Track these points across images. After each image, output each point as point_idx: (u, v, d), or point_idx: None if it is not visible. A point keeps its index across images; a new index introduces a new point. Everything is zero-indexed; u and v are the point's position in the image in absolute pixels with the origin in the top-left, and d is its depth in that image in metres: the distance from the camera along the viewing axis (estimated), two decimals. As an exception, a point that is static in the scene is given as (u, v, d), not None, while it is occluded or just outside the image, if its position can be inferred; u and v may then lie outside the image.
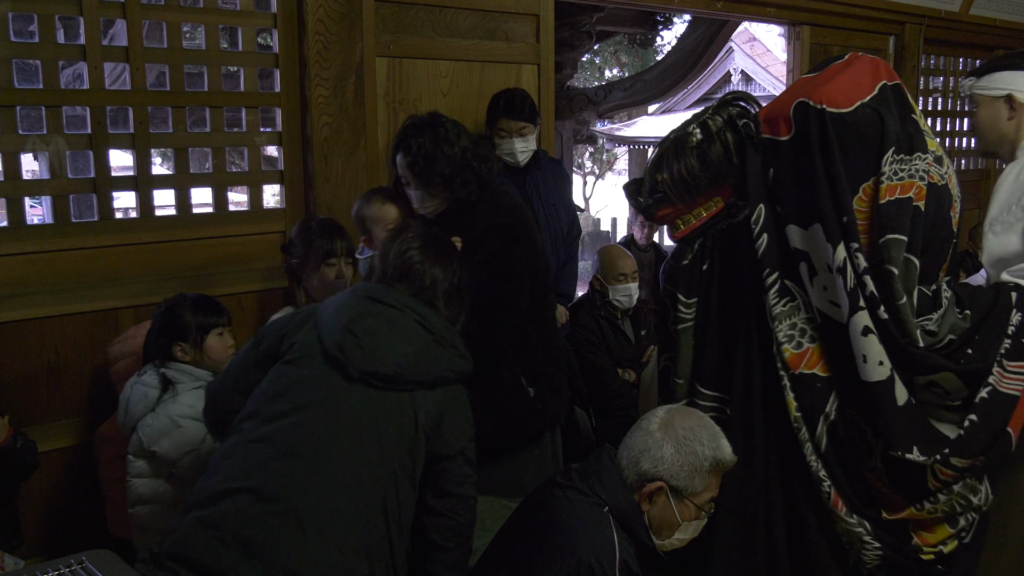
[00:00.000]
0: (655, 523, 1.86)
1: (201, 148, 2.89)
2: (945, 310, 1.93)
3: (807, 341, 1.94)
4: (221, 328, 2.30)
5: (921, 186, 1.88)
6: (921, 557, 1.96)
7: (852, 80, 1.92)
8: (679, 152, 2.02)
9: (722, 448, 1.85)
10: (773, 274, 1.95)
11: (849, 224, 1.84)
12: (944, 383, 1.89)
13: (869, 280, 1.83)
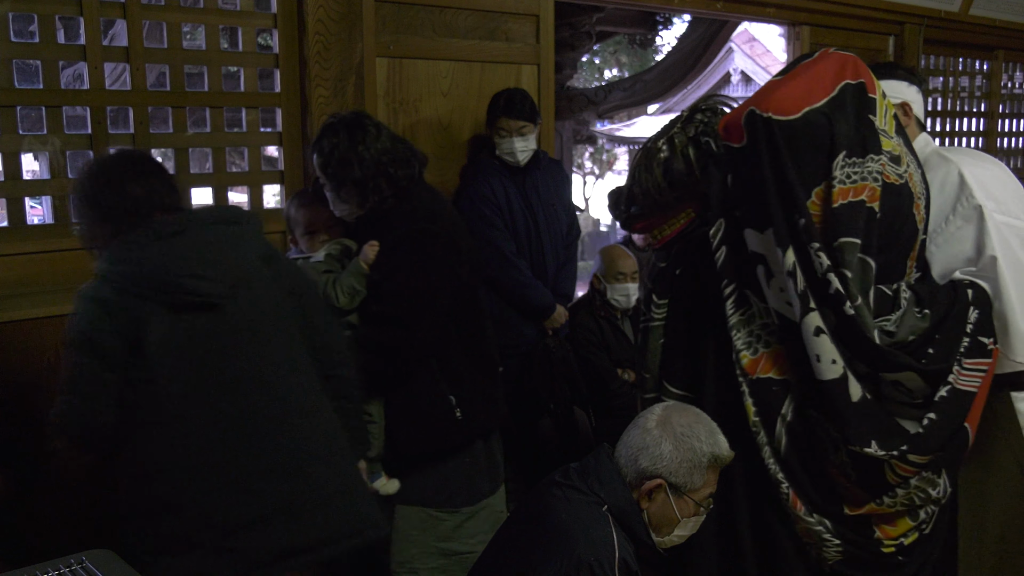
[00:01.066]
0: (654, 520, 1.86)
1: (201, 148, 2.89)
2: (904, 311, 1.96)
3: (762, 347, 1.99)
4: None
5: (875, 187, 1.90)
6: (882, 550, 2.00)
7: (808, 84, 1.94)
8: (647, 167, 2.09)
9: (720, 444, 1.86)
10: (730, 285, 2.01)
11: (806, 225, 1.87)
12: (908, 382, 1.93)
13: (834, 278, 1.85)
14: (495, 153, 3.19)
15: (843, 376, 1.87)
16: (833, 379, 1.87)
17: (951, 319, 1.99)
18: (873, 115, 1.95)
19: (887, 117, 2.00)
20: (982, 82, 5.79)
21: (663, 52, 11.04)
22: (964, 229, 2.13)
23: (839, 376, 1.87)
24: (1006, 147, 6.06)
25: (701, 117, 2.09)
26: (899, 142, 2.02)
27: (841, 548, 1.96)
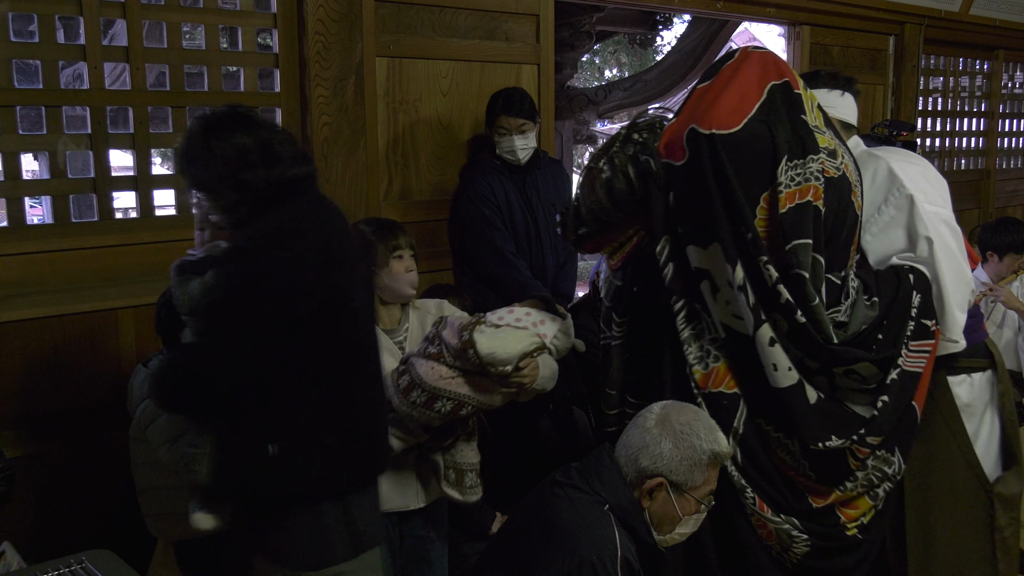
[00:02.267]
0: (655, 519, 1.87)
1: (201, 148, 2.88)
2: (854, 300, 2.03)
3: (712, 360, 2.04)
4: None
5: (818, 186, 1.94)
6: (846, 534, 2.08)
7: (739, 92, 1.98)
8: (590, 188, 2.11)
9: (719, 441, 1.87)
10: (680, 301, 2.05)
11: (754, 239, 1.90)
12: (861, 370, 2.01)
13: (783, 288, 1.90)
14: (495, 153, 3.19)
15: (799, 382, 1.94)
16: (790, 386, 1.94)
17: (897, 305, 2.06)
18: (803, 113, 1.99)
19: (814, 111, 2.04)
20: (982, 82, 5.79)
21: (663, 52, 11.04)
22: (897, 218, 2.21)
23: (795, 383, 1.94)
24: (1006, 147, 6.06)
25: (638, 137, 2.11)
26: (831, 135, 2.07)
27: (809, 543, 2.03)
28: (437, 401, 2.20)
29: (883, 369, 2.02)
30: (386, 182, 3.16)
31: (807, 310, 1.90)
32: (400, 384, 2.21)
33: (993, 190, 5.86)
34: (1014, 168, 6.14)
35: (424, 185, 3.26)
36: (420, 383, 2.18)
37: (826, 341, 1.92)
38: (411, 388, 2.19)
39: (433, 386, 2.18)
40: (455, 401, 2.20)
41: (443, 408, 2.21)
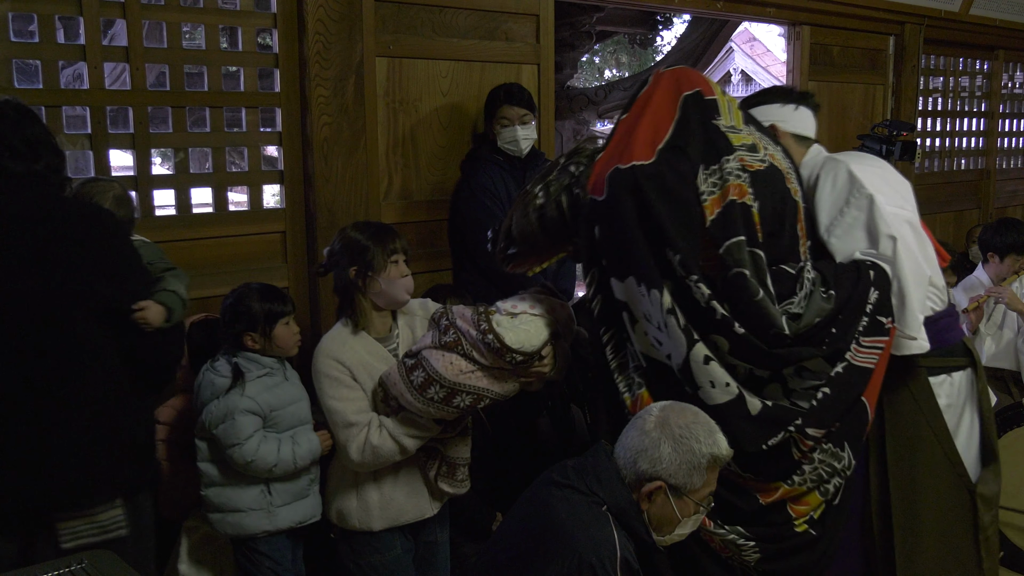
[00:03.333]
0: (655, 521, 1.86)
1: (201, 148, 2.89)
2: (811, 292, 2.06)
3: (637, 388, 2.09)
4: (287, 317, 2.37)
5: (741, 184, 1.98)
6: (796, 530, 2.09)
7: (653, 119, 2.06)
8: (523, 211, 2.20)
9: (719, 443, 1.85)
10: (608, 331, 2.13)
11: (682, 261, 1.94)
12: (812, 367, 2.04)
13: (717, 305, 1.93)
14: (495, 147, 3.19)
15: (739, 396, 1.96)
16: (728, 401, 1.96)
17: (854, 300, 2.08)
18: (716, 117, 2.04)
19: (732, 113, 2.09)
20: (982, 82, 5.79)
21: (663, 52, 11.03)
22: (859, 218, 2.24)
23: (734, 397, 1.96)
24: (1006, 147, 6.06)
25: (575, 169, 2.18)
26: (750, 131, 2.11)
27: (758, 548, 2.05)
28: (456, 396, 2.20)
29: (834, 364, 2.05)
30: (386, 182, 3.16)
31: (752, 305, 1.93)
32: (413, 380, 2.19)
33: (993, 190, 5.86)
34: (1014, 168, 6.14)
35: (424, 185, 3.26)
36: (439, 378, 2.17)
37: (776, 333, 1.95)
38: (428, 384, 2.18)
39: (453, 381, 2.18)
40: (475, 395, 2.21)
41: (462, 403, 2.21)
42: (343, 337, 2.32)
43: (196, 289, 2.76)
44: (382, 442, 2.24)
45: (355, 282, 2.30)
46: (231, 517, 2.31)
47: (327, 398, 2.28)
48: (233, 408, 2.25)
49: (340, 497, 2.37)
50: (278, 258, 2.96)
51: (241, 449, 2.24)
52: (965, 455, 2.47)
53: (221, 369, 2.31)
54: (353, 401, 2.28)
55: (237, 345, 2.34)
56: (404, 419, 2.26)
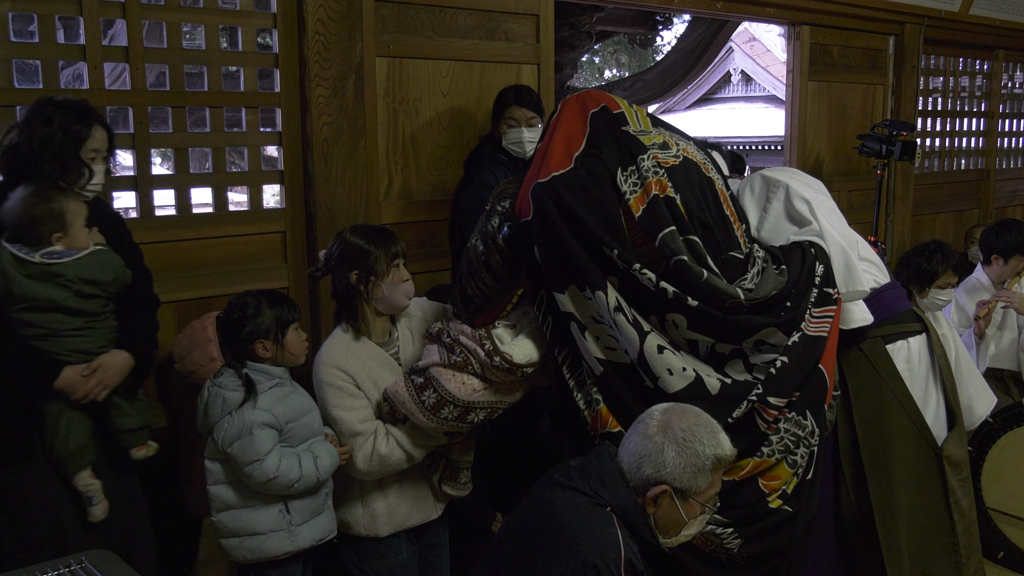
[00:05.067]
0: (661, 524, 1.85)
1: (201, 148, 2.89)
2: (763, 269, 2.18)
3: (595, 404, 2.15)
4: (297, 322, 2.27)
5: (659, 179, 2.09)
6: (770, 506, 2.13)
7: (565, 136, 2.17)
8: (470, 269, 2.26)
9: (722, 444, 1.85)
10: (563, 351, 2.20)
11: (620, 254, 2.03)
12: (769, 338, 2.11)
13: (667, 284, 2.01)
14: (499, 146, 3.19)
15: (697, 378, 2.04)
16: (687, 385, 2.04)
17: (804, 273, 2.19)
18: (624, 124, 2.16)
19: (640, 119, 2.21)
20: (982, 82, 5.79)
21: (663, 52, 11.03)
22: (780, 208, 2.40)
23: (693, 380, 2.04)
24: (1006, 147, 6.06)
25: (501, 208, 2.25)
26: (659, 131, 2.23)
27: (737, 533, 2.07)
28: (471, 413, 2.24)
29: (789, 334, 2.12)
30: (386, 182, 3.15)
31: (699, 288, 2.01)
32: (425, 401, 2.21)
33: (993, 190, 5.86)
34: (1014, 168, 6.14)
35: (424, 185, 3.26)
36: (452, 399, 2.21)
37: (733, 303, 2.03)
38: (441, 405, 2.21)
39: (467, 400, 2.22)
40: (489, 409, 2.27)
41: (476, 418, 2.25)
42: (344, 344, 2.29)
43: (196, 289, 2.77)
44: (390, 451, 2.24)
45: (356, 287, 2.28)
46: (249, 542, 2.16)
47: (331, 408, 2.25)
48: (249, 423, 2.12)
49: (345, 506, 2.34)
50: (278, 258, 2.96)
51: (262, 466, 2.10)
52: (935, 422, 2.55)
53: (228, 383, 2.17)
54: (358, 410, 2.26)
55: (244, 355, 2.21)
56: (413, 428, 2.26)
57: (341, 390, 2.25)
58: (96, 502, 2.18)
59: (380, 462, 2.24)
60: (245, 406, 2.14)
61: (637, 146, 2.12)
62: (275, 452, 2.13)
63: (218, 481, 2.19)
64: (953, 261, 3.37)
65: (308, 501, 2.22)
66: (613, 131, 2.15)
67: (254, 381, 2.17)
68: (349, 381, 2.26)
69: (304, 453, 2.19)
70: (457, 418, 2.22)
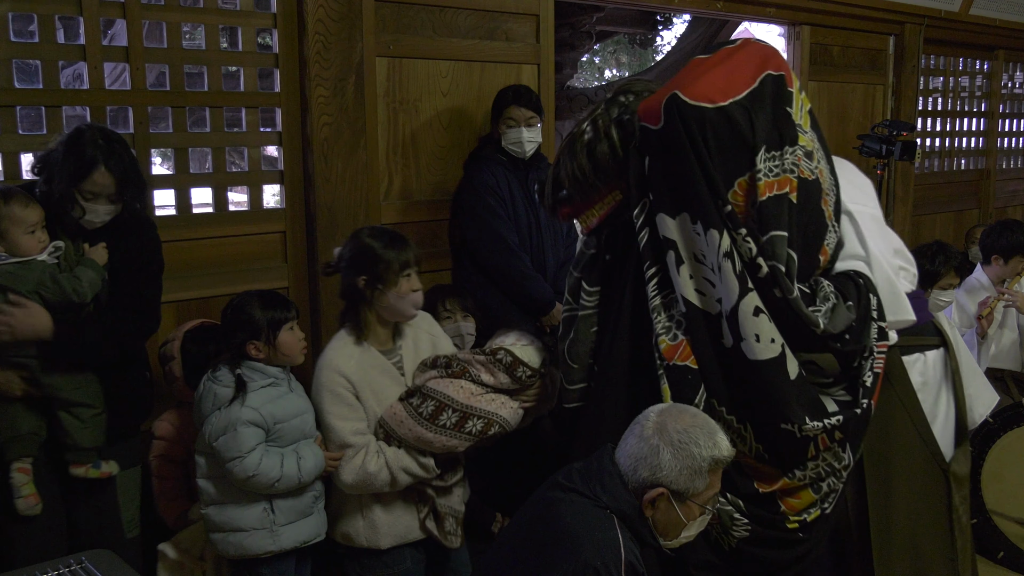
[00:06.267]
0: (660, 526, 1.84)
1: (201, 148, 2.88)
2: (834, 305, 2.01)
3: (682, 333, 1.99)
4: (291, 322, 2.26)
5: (793, 180, 1.94)
6: (787, 526, 2.05)
7: (730, 73, 1.95)
8: (571, 150, 2.07)
9: (719, 444, 1.83)
10: (653, 267, 2.00)
11: (731, 214, 1.89)
12: (821, 362, 2.01)
13: (763, 261, 1.88)
14: (499, 147, 3.19)
15: (781, 355, 1.91)
16: (771, 358, 1.90)
17: (862, 308, 2.06)
18: (790, 107, 1.98)
19: (803, 112, 2.03)
20: (982, 82, 5.79)
21: (663, 52, 11.03)
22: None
23: (777, 355, 1.90)
24: (1006, 147, 6.06)
25: (624, 99, 2.07)
26: (812, 137, 2.06)
27: (749, 527, 2.02)
28: (469, 421, 2.23)
29: (842, 365, 2.03)
30: (386, 182, 3.15)
31: (785, 302, 1.90)
32: (423, 411, 2.22)
33: (993, 190, 5.86)
34: (1014, 168, 6.14)
35: (424, 185, 3.26)
36: (451, 403, 2.21)
37: (812, 327, 1.92)
38: (440, 411, 2.22)
39: (466, 404, 2.23)
40: (486, 420, 2.25)
41: (474, 428, 2.24)
42: (348, 350, 2.28)
43: (196, 289, 2.77)
44: (378, 470, 2.23)
45: (362, 292, 2.27)
46: (233, 537, 2.19)
47: (326, 414, 2.24)
48: (235, 419, 2.14)
49: (345, 517, 2.33)
50: (278, 258, 2.96)
51: (242, 463, 2.12)
52: (942, 436, 2.50)
53: (223, 379, 2.20)
54: (352, 421, 2.25)
55: (240, 355, 2.23)
56: (405, 453, 2.25)
57: (339, 398, 2.24)
58: (18, 495, 2.20)
59: (365, 478, 2.23)
60: (234, 403, 2.17)
61: (791, 135, 1.95)
62: (258, 450, 2.15)
63: (204, 475, 2.23)
64: (955, 262, 3.37)
65: (293, 502, 2.23)
66: (776, 105, 1.96)
67: (245, 380, 2.19)
68: (349, 389, 2.24)
69: (288, 453, 2.20)
70: (455, 425, 2.22)
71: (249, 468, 2.12)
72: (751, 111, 1.91)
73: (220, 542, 2.22)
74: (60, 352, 2.17)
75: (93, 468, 2.27)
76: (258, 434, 2.16)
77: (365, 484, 2.24)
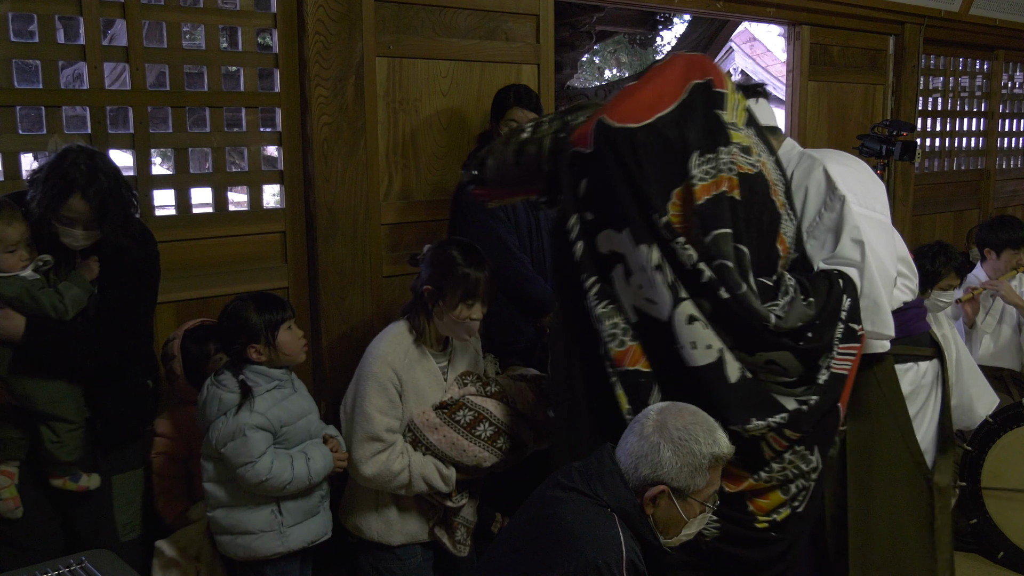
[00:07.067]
0: (661, 524, 1.85)
1: (201, 148, 2.88)
2: (792, 298, 2.08)
3: (629, 339, 2.05)
4: (289, 321, 2.26)
5: (733, 178, 1.99)
6: (756, 526, 2.08)
7: (657, 90, 2.06)
8: (506, 142, 2.22)
9: (719, 442, 1.84)
10: (592, 277, 2.07)
11: (667, 224, 1.96)
12: (782, 361, 2.03)
13: (705, 267, 1.93)
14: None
15: (718, 360, 1.96)
16: (708, 364, 1.95)
17: (829, 307, 2.10)
18: (721, 109, 2.05)
19: (737, 110, 2.10)
20: (982, 82, 5.79)
21: (663, 52, 11.03)
22: (832, 220, 2.26)
23: (714, 360, 1.95)
24: (1006, 147, 6.06)
25: (570, 118, 2.18)
26: (749, 133, 2.12)
27: (719, 525, 2.03)
28: (500, 438, 2.32)
29: (804, 364, 2.05)
30: (386, 182, 3.15)
31: (734, 299, 1.94)
32: (460, 420, 2.30)
33: (993, 190, 5.86)
34: (1014, 168, 6.14)
35: (424, 185, 3.26)
36: (489, 416, 2.31)
37: (761, 326, 1.96)
38: (477, 422, 2.30)
39: (502, 420, 2.32)
40: (513, 440, 2.32)
41: (504, 446, 2.31)
42: (404, 346, 2.30)
43: (196, 289, 2.77)
44: (400, 470, 2.24)
45: (425, 301, 2.32)
46: (241, 539, 2.20)
47: (366, 402, 2.24)
48: (243, 425, 2.14)
49: (358, 510, 2.35)
50: (278, 258, 2.96)
51: (254, 468, 2.12)
52: (923, 440, 2.51)
53: (227, 384, 2.19)
54: (390, 418, 2.26)
55: (242, 359, 2.22)
56: (430, 461, 2.27)
57: (384, 391, 2.25)
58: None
59: (386, 475, 2.24)
60: (242, 410, 2.15)
61: (723, 136, 2.02)
62: (268, 454, 2.15)
63: (212, 479, 2.22)
64: (956, 263, 3.37)
65: (301, 503, 2.24)
66: (707, 110, 2.04)
67: (250, 384, 2.18)
68: (396, 385, 2.26)
69: (297, 454, 2.20)
70: (489, 439, 2.30)
71: (261, 473, 2.13)
72: (681, 122, 2.00)
73: (228, 544, 2.21)
74: (29, 355, 2.15)
75: (71, 481, 2.26)
76: (267, 438, 2.17)
77: (383, 481, 2.25)
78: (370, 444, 2.23)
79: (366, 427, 2.23)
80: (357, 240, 3.00)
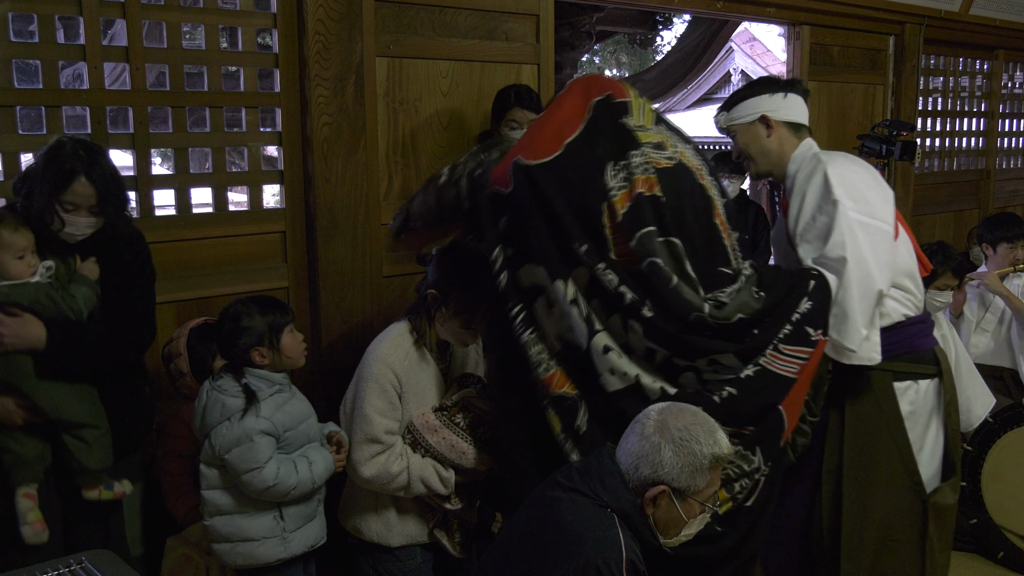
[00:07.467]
0: (661, 524, 1.85)
1: (201, 148, 2.89)
2: (740, 287, 2.10)
3: (554, 365, 2.09)
4: (290, 324, 2.25)
5: (647, 177, 2.03)
6: None
7: (560, 120, 2.11)
8: (425, 189, 2.27)
9: (720, 442, 1.84)
10: (517, 306, 2.11)
11: (588, 250, 2.00)
12: (724, 361, 2.06)
13: (626, 289, 1.98)
14: None
15: (635, 383, 2.01)
16: (622, 388, 2.01)
17: (782, 306, 2.10)
18: (626, 116, 2.10)
19: (643, 112, 2.14)
20: (982, 82, 5.79)
21: (663, 52, 11.03)
22: (824, 224, 2.25)
23: (631, 384, 2.01)
24: (1006, 147, 6.06)
25: (484, 156, 2.23)
26: (660, 130, 2.16)
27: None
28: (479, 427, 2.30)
29: (745, 363, 2.06)
30: (386, 182, 3.15)
31: (668, 293, 1.97)
32: (459, 423, 2.29)
33: (993, 190, 5.86)
34: (1014, 168, 6.14)
35: (424, 185, 3.25)
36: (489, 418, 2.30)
37: (698, 318, 1.98)
38: (478, 424, 2.31)
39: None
40: (495, 429, 2.30)
41: (483, 436, 2.30)
42: (405, 348, 2.30)
43: (196, 289, 2.77)
44: (399, 472, 2.24)
45: (428, 305, 2.31)
46: (242, 547, 2.16)
47: (366, 404, 2.23)
48: (249, 430, 2.11)
49: (358, 511, 2.35)
50: (278, 258, 2.96)
51: (261, 473, 2.10)
52: (927, 467, 2.46)
53: (228, 388, 2.16)
54: (389, 420, 2.25)
55: (243, 363, 2.19)
56: (429, 464, 2.27)
57: (384, 393, 2.24)
58: (23, 522, 2.15)
59: (385, 477, 2.24)
60: (248, 414, 2.13)
61: (631, 141, 2.06)
62: (274, 460, 2.13)
63: (212, 486, 2.19)
64: (954, 263, 3.37)
65: (301, 507, 2.22)
66: (613, 122, 2.09)
67: (254, 389, 2.16)
68: (396, 387, 2.25)
69: (299, 459, 2.19)
70: (487, 441, 2.28)
71: (268, 479, 2.11)
72: (590, 141, 2.05)
73: (227, 553, 2.18)
74: (54, 361, 2.13)
75: (106, 489, 2.24)
76: (272, 443, 2.15)
77: (382, 483, 2.25)
78: (369, 446, 2.23)
79: (365, 429, 2.23)
80: (357, 240, 3.01)
